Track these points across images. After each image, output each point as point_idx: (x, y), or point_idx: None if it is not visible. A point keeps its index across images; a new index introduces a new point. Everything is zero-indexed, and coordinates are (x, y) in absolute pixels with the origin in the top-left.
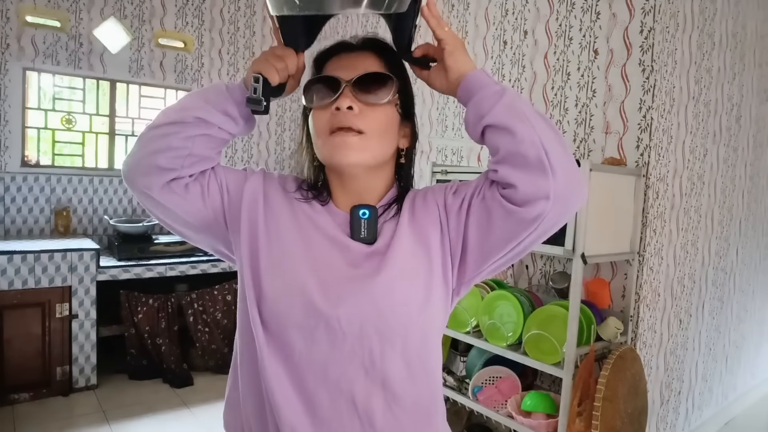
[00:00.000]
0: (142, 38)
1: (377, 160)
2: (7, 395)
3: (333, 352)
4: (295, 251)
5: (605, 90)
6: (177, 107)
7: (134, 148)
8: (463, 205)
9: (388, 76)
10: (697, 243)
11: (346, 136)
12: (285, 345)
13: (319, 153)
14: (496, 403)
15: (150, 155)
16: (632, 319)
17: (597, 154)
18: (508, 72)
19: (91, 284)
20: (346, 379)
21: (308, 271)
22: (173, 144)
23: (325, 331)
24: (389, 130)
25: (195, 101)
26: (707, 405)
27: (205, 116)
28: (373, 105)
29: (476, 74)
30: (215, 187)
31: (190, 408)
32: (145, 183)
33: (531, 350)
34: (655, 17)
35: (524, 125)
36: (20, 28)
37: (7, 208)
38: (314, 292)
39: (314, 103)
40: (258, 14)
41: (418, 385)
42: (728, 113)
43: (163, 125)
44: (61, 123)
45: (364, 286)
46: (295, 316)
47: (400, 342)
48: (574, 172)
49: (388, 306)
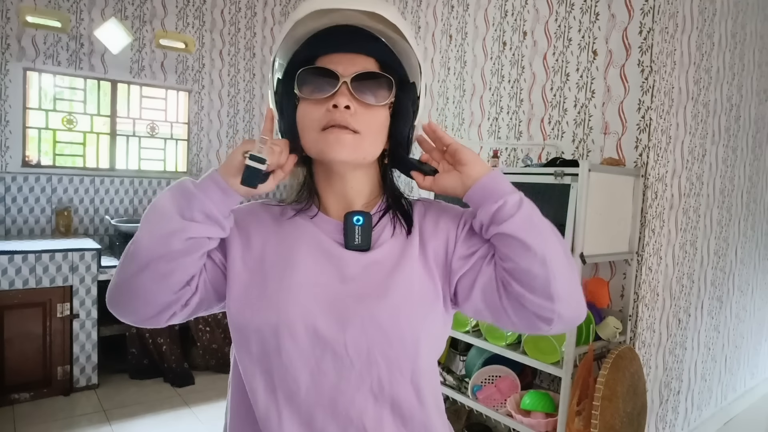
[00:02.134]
0: (143, 39)
1: (367, 160)
2: (8, 395)
3: (341, 383)
4: (287, 278)
5: (604, 90)
6: (149, 238)
7: (117, 293)
8: (470, 261)
9: (387, 77)
10: (695, 243)
11: (341, 133)
12: (291, 384)
13: (309, 147)
14: (496, 402)
15: (144, 305)
16: (631, 318)
17: (596, 154)
18: (508, 73)
19: (92, 284)
20: (355, 409)
21: (307, 297)
22: (163, 286)
23: (332, 360)
24: (382, 131)
25: (169, 221)
26: (706, 404)
27: (192, 233)
28: (370, 106)
29: (495, 179)
30: (214, 272)
31: (191, 407)
32: (152, 324)
33: (530, 349)
34: (654, 18)
35: (539, 242)
36: (21, 29)
37: (8, 208)
38: (318, 317)
39: (307, 95)
40: (258, 15)
41: (427, 406)
42: (727, 113)
43: (145, 267)
44: (62, 123)
45: (370, 308)
46: (300, 349)
47: (409, 365)
48: (578, 299)
49: (396, 330)
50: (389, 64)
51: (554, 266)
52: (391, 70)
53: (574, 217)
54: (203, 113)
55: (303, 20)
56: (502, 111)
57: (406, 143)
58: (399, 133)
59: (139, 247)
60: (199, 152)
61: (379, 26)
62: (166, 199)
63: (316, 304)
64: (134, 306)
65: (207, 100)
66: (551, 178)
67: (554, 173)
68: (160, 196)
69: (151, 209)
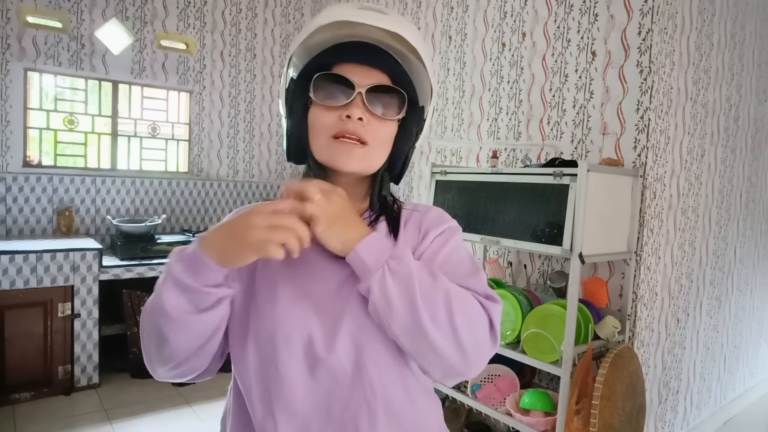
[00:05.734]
0: (144, 40)
1: (372, 171)
2: (9, 394)
3: (335, 389)
4: (280, 288)
5: (603, 91)
6: (185, 340)
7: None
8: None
9: (400, 93)
10: (694, 243)
11: (353, 146)
12: (286, 393)
13: (318, 152)
14: (495, 400)
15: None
16: (630, 318)
17: (594, 154)
18: (507, 74)
19: (93, 284)
20: (349, 413)
21: (301, 306)
22: (194, 364)
23: (326, 368)
24: (388, 143)
25: (192, 322)
26: (706, 404)
27: (215, 316)
28: (381, 119)
29: (358, 256)
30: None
31: (192, 406)
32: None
33: (529, 349)
34: (654, 18)
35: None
36: (21, 29)
37: (9, 208)
38: (311, 326)
39: (321, 100)
40: (259, 17)
41: (419, 406)
42: (726, 114)
43: (186, 360)
44: (63, 123)
45: (359, 316)
46: (296, 358)
47: (398, 368)
48: (472, 358)
49: (383, 337)
50: (402, 82)
51: (448, 356)
52: (403, 88)
53: (573, 217)
54: (204, 114)
55: (326, 29)
56: (502, 111)
57: (404, 160)
58: (399, 150)
59: (176, 350)
60: (200, 152)
61: (397, 46)
62: (173, 299)
63: (309, 313)
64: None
65: (208, 100)
66: (550, 178)
67: (553, 173)
68: (163, 298)
69: (163, 316)
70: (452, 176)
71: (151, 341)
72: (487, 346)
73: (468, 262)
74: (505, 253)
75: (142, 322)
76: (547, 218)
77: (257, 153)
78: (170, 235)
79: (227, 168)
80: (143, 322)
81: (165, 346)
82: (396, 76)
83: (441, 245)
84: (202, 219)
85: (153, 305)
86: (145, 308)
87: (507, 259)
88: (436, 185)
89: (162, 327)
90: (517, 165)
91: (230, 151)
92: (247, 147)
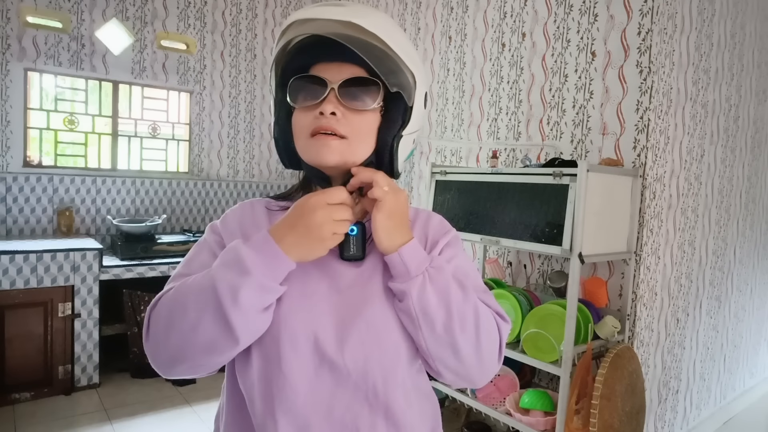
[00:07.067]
0: (144, 40)
1: (356, 163)
2: (9, 394)
3: (338, 391)
4: (287, 290)
5: (602, 91)
6: (246, 331)
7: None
8: None
9: (374, 81)
10: (694, 243)
11: (327, 139)
12: (289, 393)
13: (302, 153)
14: (495, 400)
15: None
16: (629, 317)
17: (594, 154)
18: (507, 74)
19: (94, 284)
20: (350, 414)
21: (307, 308)
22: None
23: (330, 370)
24: (371, 134)
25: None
26: (705, 404)
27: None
28: (358, 111)
29: (406, 255)
30: None
31: (193, 406)
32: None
33: (529, 348)
34: (653, 19)
35: (452, 323)
36: (21, 29)
37: (9, 208)
38: (317, 328)
39: (298, 104)
40: (259, 17)
41: (417, 409)
42: (726, 114)
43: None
44: (64, 123)
45: (366, 319)
46: (300, 359)
47: (401, 373)
48: (486, 370)
49: (390, 340)
50: (382, 72)
51: (465, 359)
52: (385, 77)
53: (573, 217)
54: (204, 114)
55: (288, 31)
56: (501, 112)
57: (390, 151)
58: (382, 140)
59: (218, 347)
60: (201, 153)
61: (359, 36)
62: (250, 297)
63: (315, 314)
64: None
65: (208, 101)
66: (550, 178)
67: (553, 173)
68: (240, 295)
69: (226, 312)
70: (452, 176)
71: (179, 334)
72: (497, 362)
73: (473, 274)
74: (505, 253)
75: (164, 314)
76: (547, 218)
77: (257, 153)
78: (170, 235)
79: (227, 168)
80: (166, 314)
81: (207, 342)
82: (369, 65)
83: (452, 256)
84: (202, 219)
85: (198, 297)
86: (175, 299)
87: (507, 259)
88: (436, 185)
89: (215, 323)
90: (517, 165)
91: (230, 151)
92: (247, 147)
